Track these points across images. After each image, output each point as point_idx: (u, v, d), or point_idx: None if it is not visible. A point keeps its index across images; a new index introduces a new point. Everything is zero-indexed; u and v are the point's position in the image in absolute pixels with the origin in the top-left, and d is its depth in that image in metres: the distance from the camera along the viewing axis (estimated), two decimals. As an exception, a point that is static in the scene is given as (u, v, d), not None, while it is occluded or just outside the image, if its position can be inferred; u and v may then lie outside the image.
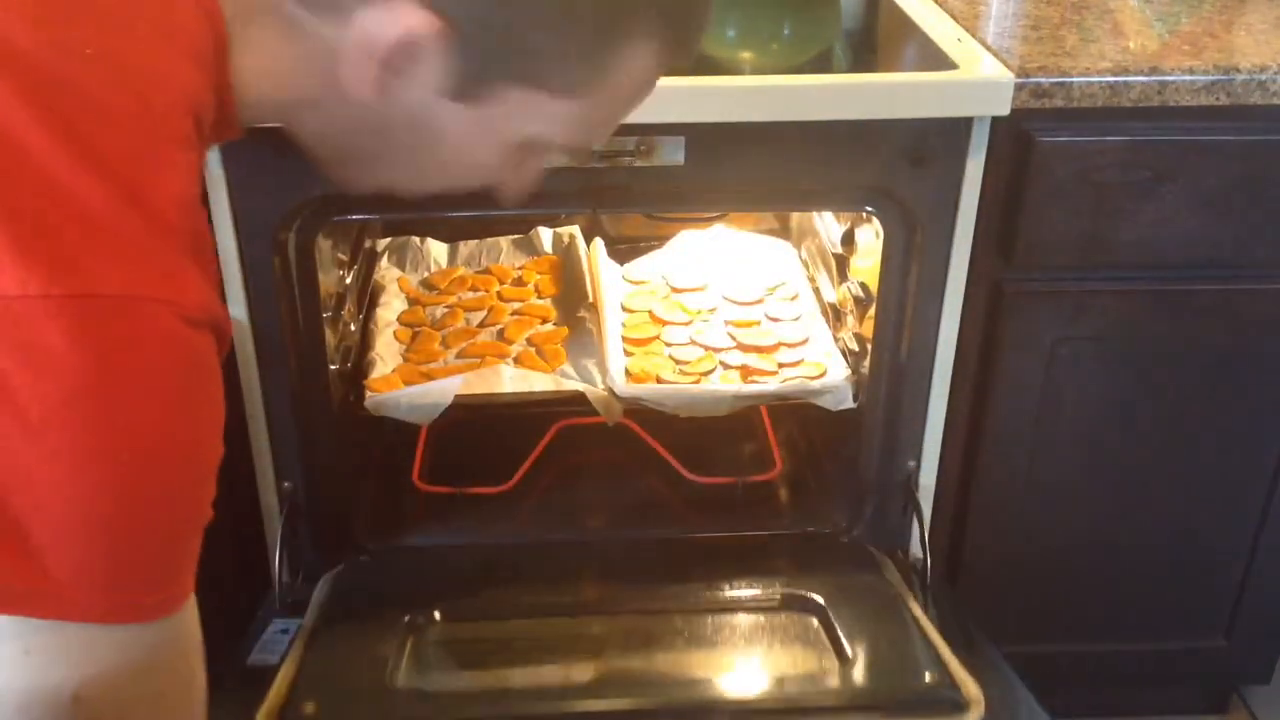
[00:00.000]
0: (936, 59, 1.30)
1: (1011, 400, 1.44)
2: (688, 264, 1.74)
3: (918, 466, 1.45)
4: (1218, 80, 1.28)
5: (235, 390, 1.33)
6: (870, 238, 1.43)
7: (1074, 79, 1.26)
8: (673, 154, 1.24)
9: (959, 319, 1.37)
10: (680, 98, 1.22)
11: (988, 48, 1.33)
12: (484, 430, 1.60)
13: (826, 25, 1.60)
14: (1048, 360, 1.41)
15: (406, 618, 1.27)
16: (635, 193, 1.28)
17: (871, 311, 1.40)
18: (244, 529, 1.42)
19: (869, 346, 1.42)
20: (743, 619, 1.32)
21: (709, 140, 1.23)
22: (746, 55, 1.56)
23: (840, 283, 1.60)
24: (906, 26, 1.43)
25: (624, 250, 1.78)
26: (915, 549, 1.46)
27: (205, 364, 0.64)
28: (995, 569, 1.56)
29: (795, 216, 1.82)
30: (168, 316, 0.60)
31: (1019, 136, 1.28)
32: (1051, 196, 1.31)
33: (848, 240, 1.57)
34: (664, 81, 1.22)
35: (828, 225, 1.66)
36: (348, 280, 1.58)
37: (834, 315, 1.61)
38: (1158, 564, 1.58)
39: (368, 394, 1.45)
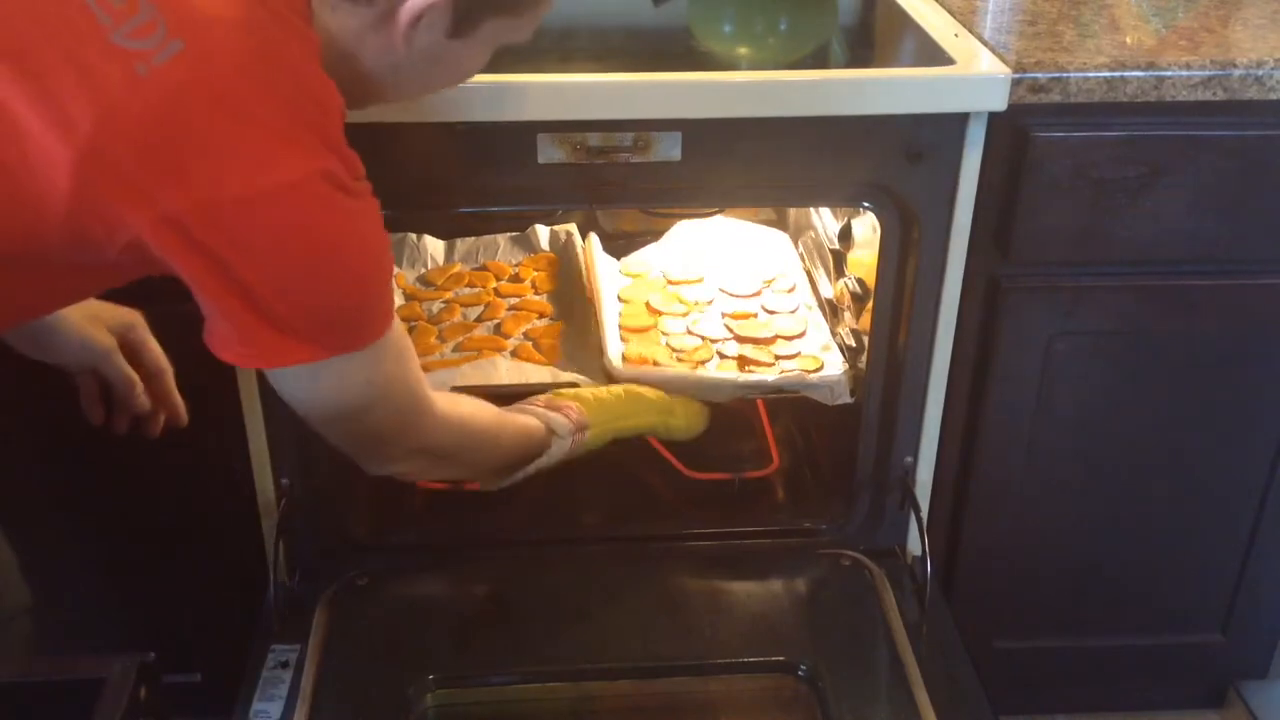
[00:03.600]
0: (933, 54, 1.30)
1: (1008, 395, 1.44)
2: (684, 256, 1.74)
3: (915, 462, 1.45)
4: (1214, 75, 1.28)
5: (232, 386, 1.32)
6: (867, 233, 1.43)
7: (1071, 74, 1.26)
8: (669, 150, 1.24)
9: (956, 314, 1.37)
10: (677, 93, 1.22)
11: (984, 43, 1.33)
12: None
13: (823, 20, 1.59)
14: (1044, 355, 1.41)
15: (407, 682, 1.27)
16: (632, 188, 1.28)
17: (869, 307, 1.40)
18: (242, 527, 1.42)
19: (866, 342, 1.42)
20: (732, 686, 1.32)
21: (706, 136, 1.23)
22: (743, 50, 1.56)
23: (838, 278, 1.60)
24: (903, 21, 1.43)
25: (620, 245, 1.77)
26: (913, 545, 1.46)
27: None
28: (992, 564, 1.56)
29: (792, 212, 1.82)
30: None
31: (1016, 132, 1.28)
32: (1048, 192, 1.31)
33: (845, 236, 1.57)
34: (661, 77, 1.23)
35: (825, 221, 1.66)
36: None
37: (831, 311, 1.61)
38: (1154, 559, 1.58)
39: None
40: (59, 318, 1.14)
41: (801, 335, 1.57)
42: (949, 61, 1.27)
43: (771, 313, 1.62)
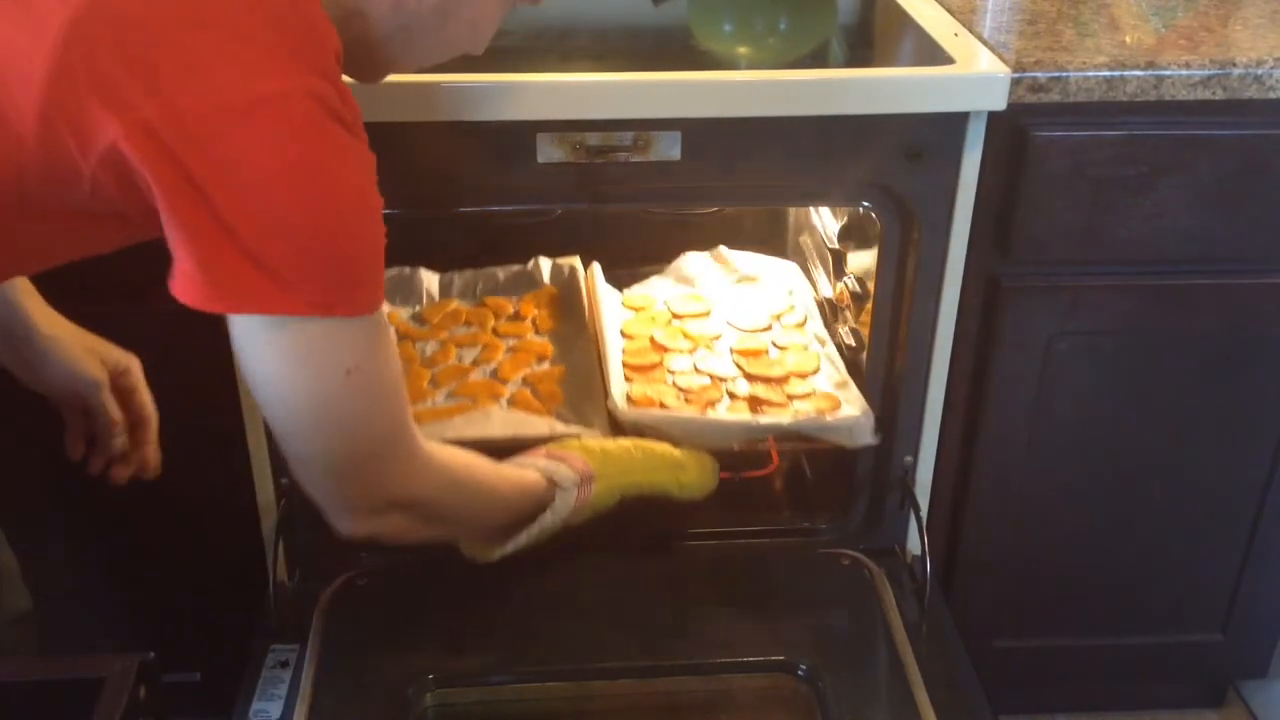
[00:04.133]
0: (933, 54, 1.30)
1: (1008, 395, 1.44)
2: (689, 288, 1.66)
3: (915, 461, 1.45)
4: (1214, 74, 1.28)
5: (231, 385, 1.32)
6: (867, 232, 1.43)
7: (1070, 73, 1.26)
8: (669, 149, 1.24)
9: (955, 314, 1.37)
10: (677, 93, 1.22)
11: (984, 42, 1.33)
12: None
13: (823, 20, 1.59)
14: (1044, 355, 1.41)
15: (406, 681, 1.26)
16: (632, 188, 1.28)
17: (869, 307, 1.40)
18: (242, 527, 1.42)
19: (866, 342, 1.42)
20: (731, 685, 1.31)
21: (705, 135, 1.23)
22: (743, 50, 1.56)
23: (837, 278, 1.60)
24: (903, 21, 1.43)
25: (622, 275, 1.69)
26: (912, 544, 1.46)
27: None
28: (992, 564, 1.56)
29: (792, 211, 1.82)
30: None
31: (1015, 131, 1.28)
32: (1048, 191, 1.31)
33: (845, 235, 1.57)
34: (661, 76, 1.23)
35: (825, 220, 1.66)
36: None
37: (831, 310, 1.61)
38: (1154, 558, 1.58)
39: None
40: (55, 342, 1.12)
41: (815, 372, 1.48)
42: (948, 61, 1.27)
43: (782, 348, 1.53)
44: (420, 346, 1.56)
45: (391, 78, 1.12)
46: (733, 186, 1.33)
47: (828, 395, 1.43)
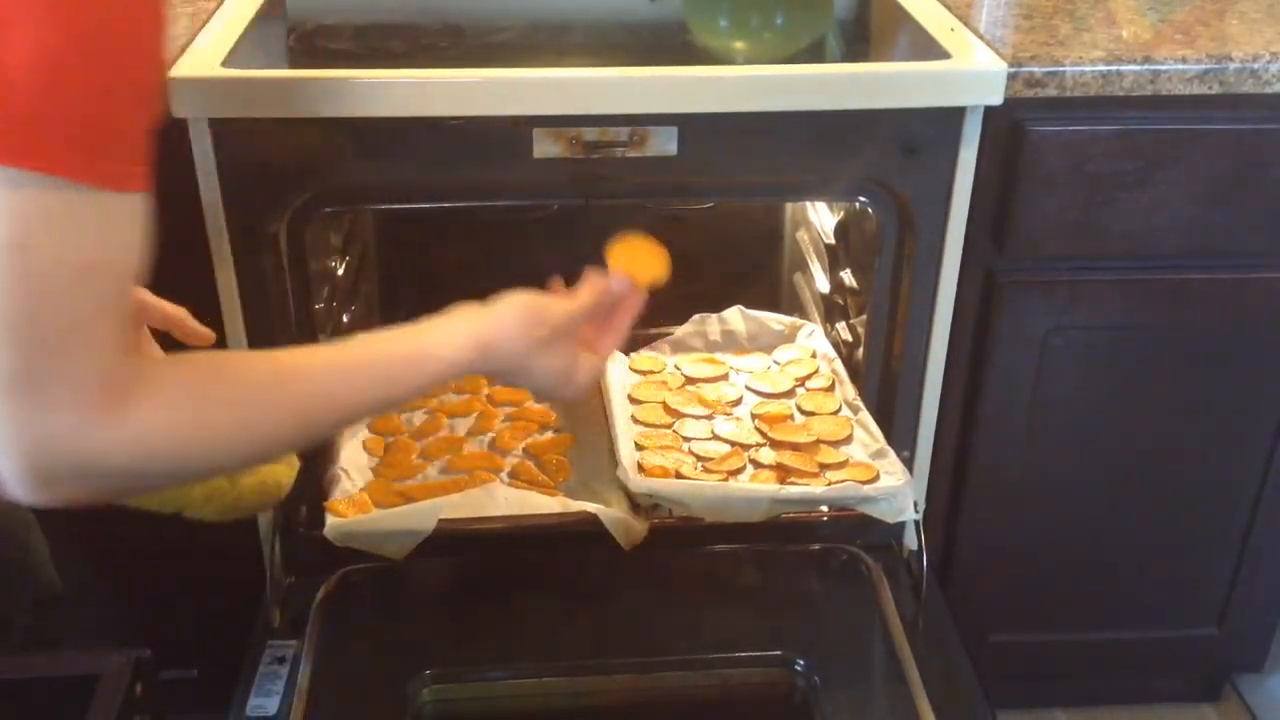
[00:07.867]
0: (929, 49, 1.30)
1: (1004, 390, 1.44)
2: (701, 350, 1.57)
3: (912, 457, 1.45)
4: (1210, 69, 1.28)
5: (228, 383, 1.32)
6: (864, 228, 1.43)
7: (1067, 68, 1.26)
8: (665, 144, 1.24)
9: (952, 309, 1.37)
10: (673, 88, 1.22)
11: (980, 37, 1.33)
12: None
13: (819, 15, 1.59)
14: (1040, 350, 1.41)
15: (404, 677, 1.26)
16: (628, 183, 1.28)
17: (865, 302, 1.40)
18: (239, 524, 1.41)
19: (863, 337, 1.42)
20: (729, 680, 1.30)
21: (702, 130, 1.23)
22: (739, 45, 1.56)
23: (834, 273, 1.60)
24: (899, 16, 1.43)
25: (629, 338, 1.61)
26: (909, 539, 1.46)
27: None
28: (988, 558, 1.56)
29: (789, 207, 1.82)
30: None
31: (1012, 126, 1.28)
32: (1044, 186, 1.31)
33: (841, 231, 1.57)
34: (657, 71, 1.23)
35: (822, 216, 1.66)
36: (340, 271, 1.58)
37: (828, 307, 1.61)
38: (1150, 553, 1.58)
39: (328, 519, 1.26)
40: None
41: (847, 440, 1.37)
42: (945, 56, 1.27)
43: (808, 414, 1.42)
44: (407, 417, 1.45)
45: (387, 75, 1.12)
46: (729, 182, 1.33)
47: (864, 465, 1.33)
